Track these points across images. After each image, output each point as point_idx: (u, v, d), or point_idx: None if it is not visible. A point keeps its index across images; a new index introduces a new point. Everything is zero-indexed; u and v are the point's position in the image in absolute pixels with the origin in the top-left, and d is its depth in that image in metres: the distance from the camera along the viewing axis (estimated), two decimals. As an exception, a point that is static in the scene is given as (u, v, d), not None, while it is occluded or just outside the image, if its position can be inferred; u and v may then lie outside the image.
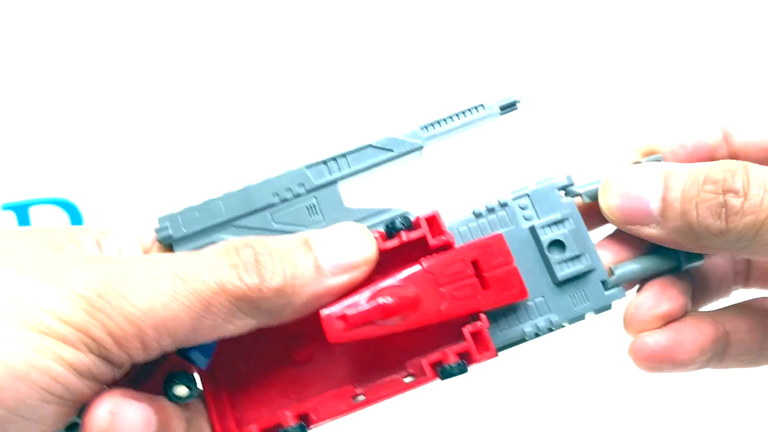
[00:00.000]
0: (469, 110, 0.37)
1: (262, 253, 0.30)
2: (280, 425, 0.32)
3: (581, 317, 0.36)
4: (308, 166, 0.36)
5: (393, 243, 0.34)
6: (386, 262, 0.34)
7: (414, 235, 0.34)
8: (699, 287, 0.39)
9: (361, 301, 0.32)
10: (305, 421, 0.33)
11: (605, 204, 0.35)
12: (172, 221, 0.35)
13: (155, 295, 0.27)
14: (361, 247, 0.32)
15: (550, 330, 0.36)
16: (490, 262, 0.34)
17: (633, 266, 0.36)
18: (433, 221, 0.34)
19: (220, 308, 0.28)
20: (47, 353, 0.26)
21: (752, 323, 0.37)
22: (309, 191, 0.36)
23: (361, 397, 0.34)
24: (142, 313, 0.27)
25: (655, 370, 0.36)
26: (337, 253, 0.31)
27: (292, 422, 0.32)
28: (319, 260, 0.30)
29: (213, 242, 0.35)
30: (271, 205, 0.35)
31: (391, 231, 0.34)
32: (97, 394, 0.28)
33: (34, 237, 0.31)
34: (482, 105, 0.37)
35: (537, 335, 0.36)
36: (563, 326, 0.36)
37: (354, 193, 0.37)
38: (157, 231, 0.35)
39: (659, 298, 0.36)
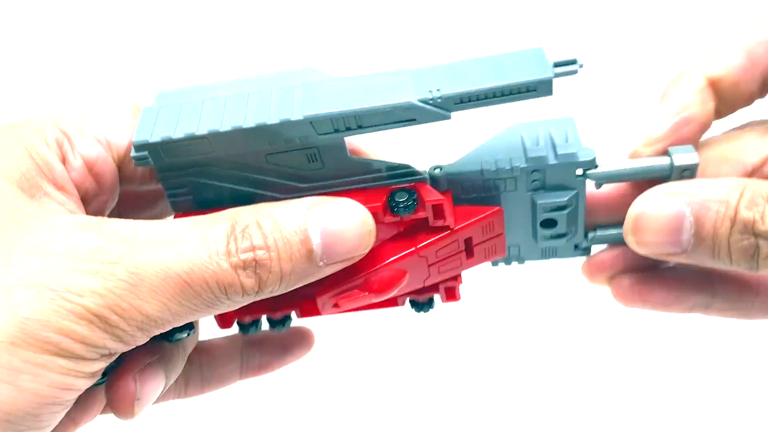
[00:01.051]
0: (518, 91, 0.30)
1: (260, 246, 0.30)
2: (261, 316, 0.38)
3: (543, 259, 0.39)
4: (312, 120, 0.31)
5: (393, 219, 0.34)
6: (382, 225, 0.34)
7: (416, 216, 0.33)
8: None
9: (353, 287, 0.33)
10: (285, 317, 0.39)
11: (635, 241, 0.35)
12: (153, 152, 0.32)
13: (165, 304, 0.29)
14: (360, 242, 0.32)
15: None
16: (483, 236, 0.34)
17: (606, 233, 0.38)
18: (438, 209, 0.33)
19: (221, 306, 0.30)
20: (64, 374, 0.28)
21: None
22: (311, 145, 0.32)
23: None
24: (152, 321, 0.29)
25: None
26: (336, 249, 0.31)
27: (278, 316, 0.39)
28: (316, 254, 0.31)
29: (202, 180, 0.33)
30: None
31: (393, 209, 0.33)
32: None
33: None
34: (535, 89, 0.30)
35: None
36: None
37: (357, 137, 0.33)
38: (135, 159, 0.32)
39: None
